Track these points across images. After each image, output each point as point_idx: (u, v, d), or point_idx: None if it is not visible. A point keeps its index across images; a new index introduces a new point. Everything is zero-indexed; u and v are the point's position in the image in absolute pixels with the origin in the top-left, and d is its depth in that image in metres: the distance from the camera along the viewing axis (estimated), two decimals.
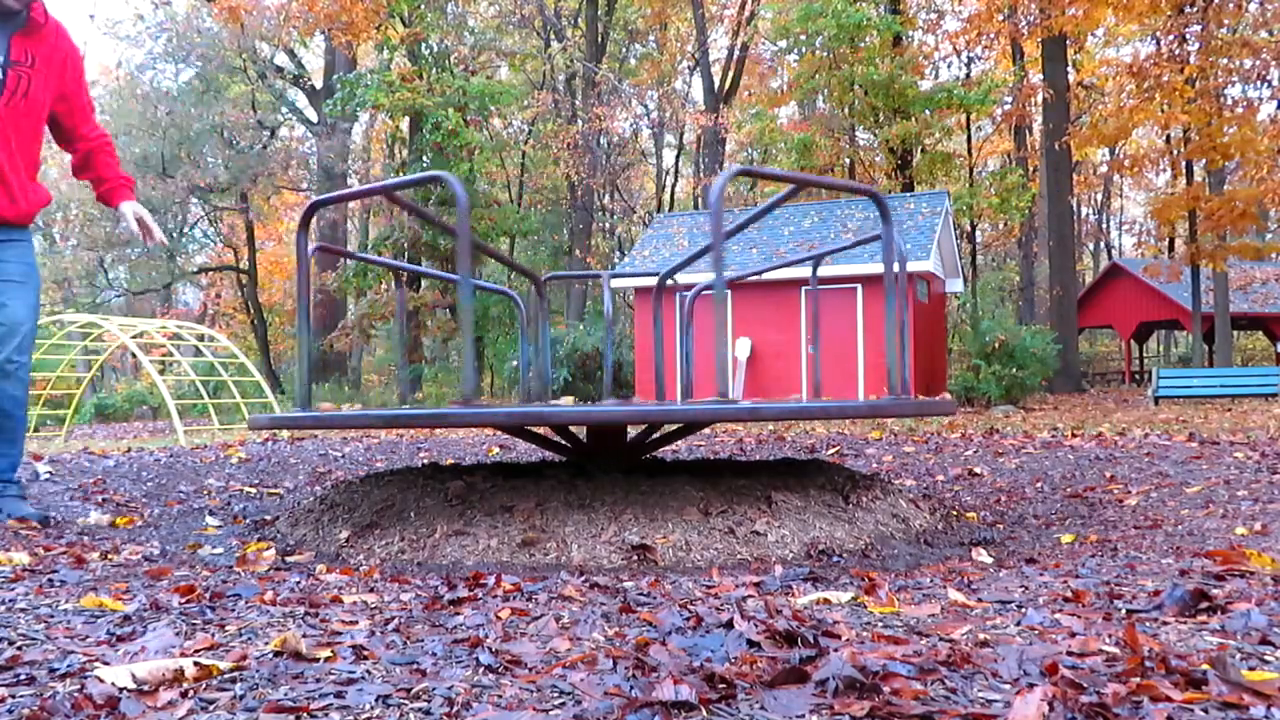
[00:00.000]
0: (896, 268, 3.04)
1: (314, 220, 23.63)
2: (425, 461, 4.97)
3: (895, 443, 5.69)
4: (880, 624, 1.45)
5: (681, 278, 12.90)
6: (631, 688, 1.10)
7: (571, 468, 3.22)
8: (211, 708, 1.05)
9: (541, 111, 23.69)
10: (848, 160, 21.83)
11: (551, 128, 22.76)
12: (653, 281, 14.28)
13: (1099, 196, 35.16)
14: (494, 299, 19.77)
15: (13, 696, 1.07)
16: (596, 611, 1.57)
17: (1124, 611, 1.49)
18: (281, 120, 26.43)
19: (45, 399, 12.70)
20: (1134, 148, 22.97)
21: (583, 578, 2.00)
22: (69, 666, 1.19)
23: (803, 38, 19.81)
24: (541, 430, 4.01)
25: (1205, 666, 1.11)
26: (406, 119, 20.65)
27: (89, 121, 3.08)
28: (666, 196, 29.16)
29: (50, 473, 4.16)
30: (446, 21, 20.53)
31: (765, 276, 13.27)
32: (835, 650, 1.20)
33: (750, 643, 1.27)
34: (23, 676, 1.15)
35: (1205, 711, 1.00)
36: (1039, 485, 3.86)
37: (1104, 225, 37.29)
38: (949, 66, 26.58)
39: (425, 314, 21.40)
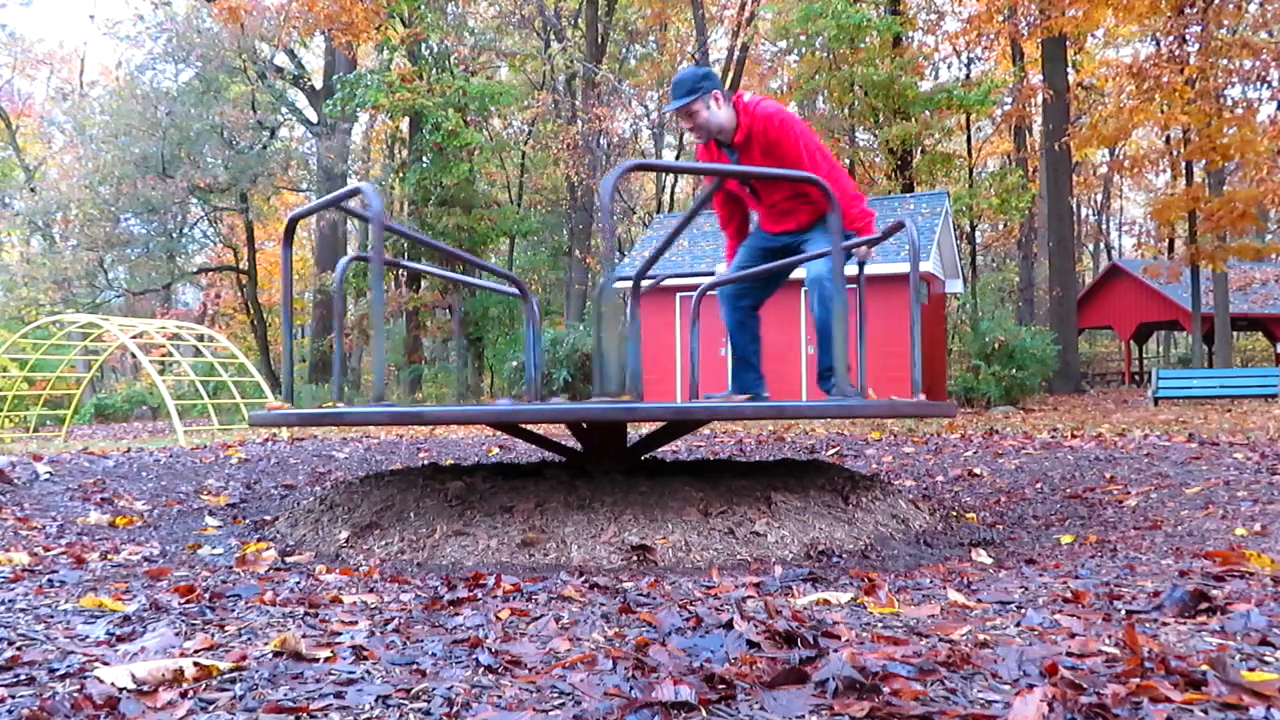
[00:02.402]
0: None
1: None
2: (425, 462, 4.97)
3: (895, 443, 5.69)
4: (880, 624, 1.45)
5: (687, 281, 12.87)
6: (631, 688, 1.10)
7: (571, 468, 3.22)
8: (211, 708, 1.05)
9: (541, 112, 23.68)
10: (848, 161, 21.84)
11: (551, 128, 22.75)
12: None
13: (1099, 197, 35.17)
14: (493, 299, 19.77)
15: (13, 696, 1.07)
16: (596, 612, 1.57)
17: (1124, 612, 1.49)
18: (281, 120, 26.40)
19: (45, 399, 12.69)
20: (1134, 148, 22.97)
21: (582, 578, 2.00)
22: (69, 666, 1.19)
23: (803, 38, 19.80)
24: (541, 429, 4.01)
25: (1205, 667, 1.11)
26: (406, 119, 20.64)
27: None
28: (666, 197, 29.15)
29: (50, 473, 4.16)
30: (446, 22, 20.52)
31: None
32: (835, 651, 1.20)
33: (750, 643, 1.27)
34: (23, 676, 1.15)
35: (1205, 712, 1.00)
36: (1039, 486, 3.86)
37: (1104, 226, 37.31)
38: (949, 67, 26.61)
39: (425, 314, 21.39)
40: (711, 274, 4.55)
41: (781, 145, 3.39)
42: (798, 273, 3.72)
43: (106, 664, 1.20)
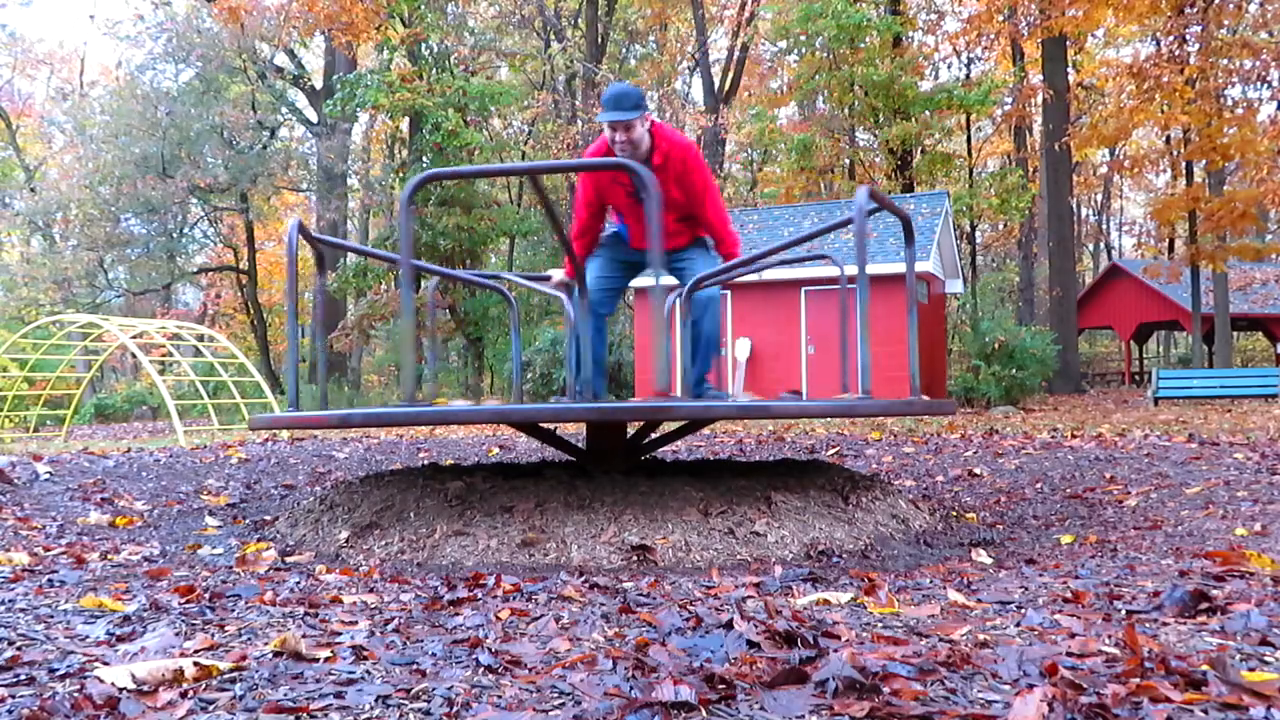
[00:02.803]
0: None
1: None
2: (425, 462, 4.97)
3: (895, 443, 5.68)
4: (880, 624, 1.45)
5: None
6: (631, 688, 1.10)
7: (571, 468, 3.22)
8: (211, 708, 1.05)
9: (541, 112, 23.67)
10: (848, 161, 21.84)
11: (551, 128, 22.76)
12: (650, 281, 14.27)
13: (1099, 197, 35.17)
14: (494, 299, 19.75)
15: (13, 696, 1.07)
16: (596, 612, 1.57)
17: (1124, 612, 1.49)
18: (281, 120, 26.39)
19: (45, 399, 12.69)
20: (1134, 148, 22.97)
21: (582, 578, 2.00)
22: (69, 666, 1.19)
23: (803, 38, 19.80)
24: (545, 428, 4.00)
25: (1205, 667, 1.11)
26: (406, 119, 20.63)
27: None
28: None
29: (50, 473, 4.15)
30: (446, 22, 20.52)
31: (764, 276, 13.27)
32: (835, 651, 1.20)
33: (750, 643, 1.27)
34: (23, 676, 1.15)
35: (1205, 712, 1.00)
36: (1039, 486, 3.86)
37: (1104, 226, 37.30)
38: (949, 67, 26.60)
39: (425, 314, 21.36)
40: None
41: (692, 175, 3.70)
42: (796, 272, 3.79)
43: (106, 664, 1.20)
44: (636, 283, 14.75)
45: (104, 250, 23.64)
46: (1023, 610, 1.53)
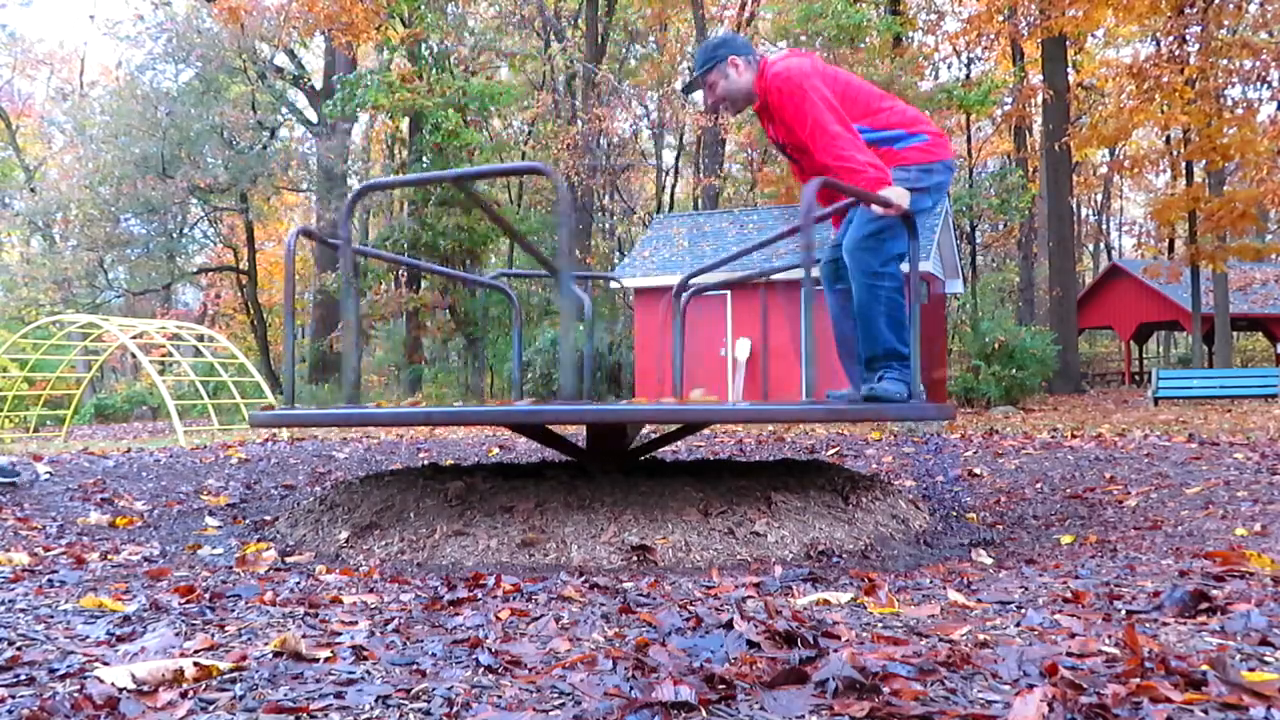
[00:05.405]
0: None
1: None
2: (425, 462, 4.97)
3: (895, 443, 5.68)
4: (880, 625, 1.45)
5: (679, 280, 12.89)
6: (631, 688, 1.10)
7: (571, 468, 3.22)
8: (211, 708, 1.05)
9: (541, 112, 23.67)
10: None
11: (551, 128, 22.75)
12: (656, 281, 14.29)
13: (1099, 197, 35.17)
14: (493, 299, 19.75)
15: (13, 696, 1.07)
16: (596, 612, 1.57)
17: (1124, 612, 1.49)
18: (281, 121, 26.39)
19: (45, 399, 12.69)
20: (1134, 148, 22.98)
21: (582, 578, 2.00)
22: (69, 666, 1.19)
23: (803, 38, 19.79)
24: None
25: (1205, 667, 1.11)
26: (406, 119, 20.63)
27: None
28: (666, 198, 29.14)
29: (50, 473, 4.15)
30: (446, 22, 20.51)
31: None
32: (835, 651, 1.20)
33: (750, 643, 1.27)
34: (23, 676, 1.15)
35: (1205, 712, 1.00)
36: (1039, 486, 3.86)
37: (1104, 226, 37.30)
38: (949, 67, 26.60)
39: (425, 314, 21.38)
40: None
41: (785, 111, 3.04)
42: (796, 272, 3.60)
43: (106, 664, 1.20)
44: (640, 282, 14.74)
45: (104, 250, 23.65)
46: (1023, 610, 1.53)
